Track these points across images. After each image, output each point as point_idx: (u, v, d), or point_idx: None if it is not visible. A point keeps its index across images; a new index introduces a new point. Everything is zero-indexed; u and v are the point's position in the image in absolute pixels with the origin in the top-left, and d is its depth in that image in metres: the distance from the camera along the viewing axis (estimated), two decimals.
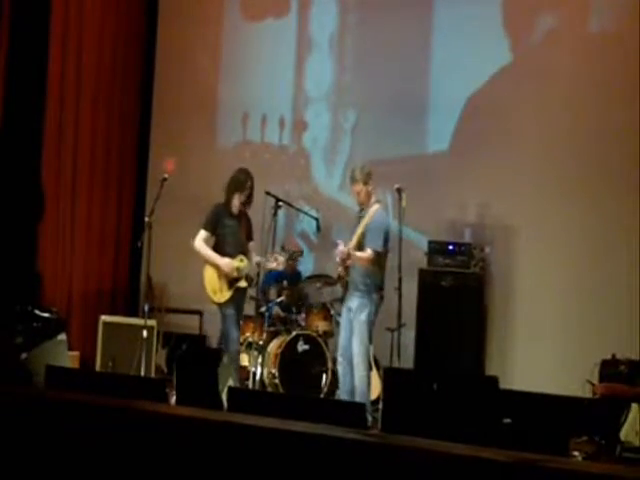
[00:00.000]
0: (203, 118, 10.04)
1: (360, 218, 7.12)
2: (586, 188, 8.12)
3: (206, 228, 7.49)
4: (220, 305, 7.43)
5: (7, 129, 8.90)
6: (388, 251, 7.21)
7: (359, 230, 6.98)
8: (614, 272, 7.88)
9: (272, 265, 7.52)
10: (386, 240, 7.11)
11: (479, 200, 8.59)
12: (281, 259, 7.50)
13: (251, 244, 7.65)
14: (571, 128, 8.22)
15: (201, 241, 7.47)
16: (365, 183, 7.12)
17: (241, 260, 7.45)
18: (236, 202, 7.45)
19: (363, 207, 7.18)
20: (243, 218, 7.55)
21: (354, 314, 7.05)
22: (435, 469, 2.94)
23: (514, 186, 8.41)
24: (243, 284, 7.47)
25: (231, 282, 7.40)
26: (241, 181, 7.47)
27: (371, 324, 7.07)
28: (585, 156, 8.16)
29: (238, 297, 7.48)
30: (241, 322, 7.66)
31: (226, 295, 7.41)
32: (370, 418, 6.21)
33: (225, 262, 7.36)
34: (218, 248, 7.45)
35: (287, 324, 8.33)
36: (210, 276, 7.44)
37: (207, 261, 7.46)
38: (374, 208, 7.05)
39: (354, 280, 7.08)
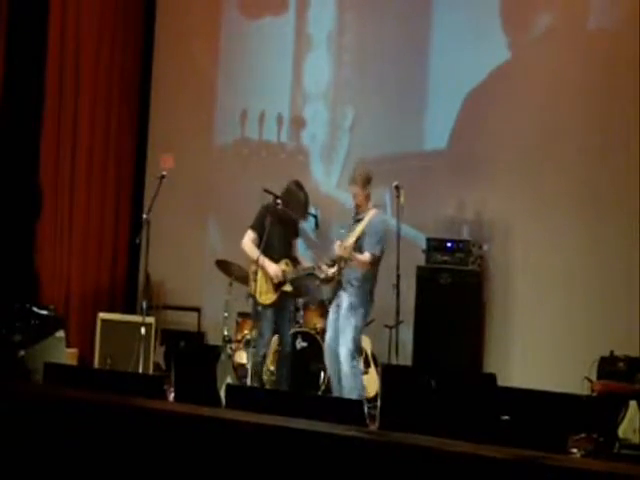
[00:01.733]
0: (201, 115, 10.04)
1: (357, 221, 7.12)
2: (585, 185, 8.12)
3: (254, 229, 7.48)
4: (263, 306, 7.43)
5: (5, 127, 8.90)
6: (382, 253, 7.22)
7: (357, 232, 6.97)
8: (613, 269, 7.88)
9: (321, 275, 7.56)
10: (382, 244, 7.09)
11: (477, 197, 8.59)
12: (331, 270, 7.35)
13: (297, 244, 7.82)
14: (570, 125, 8.21)
15: (249, 242, 7.45)
16: (363, 187, 7.10)
17: (286, 264, 7.48)
18: (291, 215, 7.49)
19: (359, 210, 7.17)
20: (290, 223, 7.60)
21: (344, 314, 7.04)
22: (433, 466, 2.94)
23: (512, 183, 8.41)
24: (288, 288, 7.49)
25: (277, 286, 7.41)
26: (302, 204, 7.51)
27: (356, 316, 7.02)
28: (584, 153, 8.15)
29: (283, 301, 7.50)
30: (289, 324, 7.76)
31: (272, 297, 7.41)
32: (368, 415, 6.21)
33: (273, 268, 7.35)
34: (263, 249, 7.39)
35: None
36: (261, 278, 7.42)
37: (254, 262, 7.45)
38: (372, 212, 7.06)
39: (348, 280, 7.07)
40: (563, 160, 8.21)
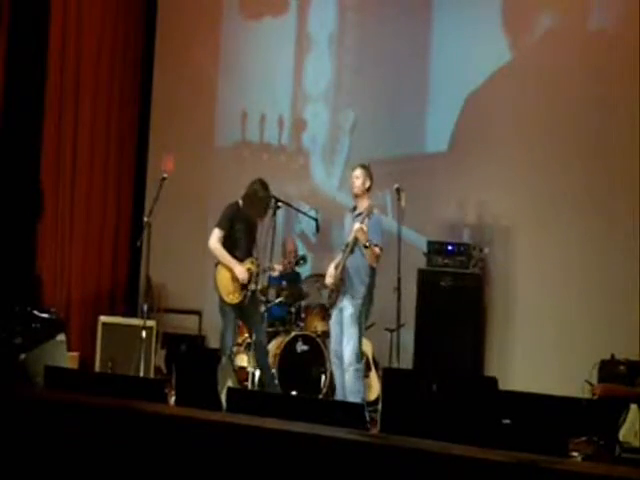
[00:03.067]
0: (202, 117, 10.04)
1: (356, 216, 7.14)
2: (586, 188, 8.11)
3: (221, 227, 7.48)
4: (228, 305, 7.45)
5: (6, 129, 8.90)
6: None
7: (363, 222, 6.99)
8: (613, 272, 7.88)
9: (275, 274, 7.76)
10: (382, 238, 7.13)
11: (478, 200, 8.59)
12: (278, 267, 7.69)
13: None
14: (571, 127, 8.21)
15: (217, 242, 7.46)
16: (364, 172, 7.16)
17: (252, 262, 7.50)
18: (251, 212, 7.49)
19: (358, 201, 7.20)
20: (252, 221, 7.61)
21: (349, 319, 7.07)
22: (434, 470, 2.94)
23: (513, 186, 8.41)
24: (253, 287, 7.51)
25: (242, 285, 7.44)
26: (263, 203, 7.51)
27: (359, 321, 7.06)
28: (585, 155, 8.15)
29: (249, 299, 7.51)
30: (264, 322, 7.73)
31: (239, 297, 7.44)
32: (369, 418, 6.20)
33: (239, 269, 7.38)
34: (229, 248, 7.44)
35: (286, 324, 8.32)
36: (223, 277, 7.44)
37: (221, 262, 7.47)
38: (372, 209, 7.09)
39: (351, 285, 7.09)
40: (564, 162, 8.21)
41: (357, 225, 6.98)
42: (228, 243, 7.45)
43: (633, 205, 7.72)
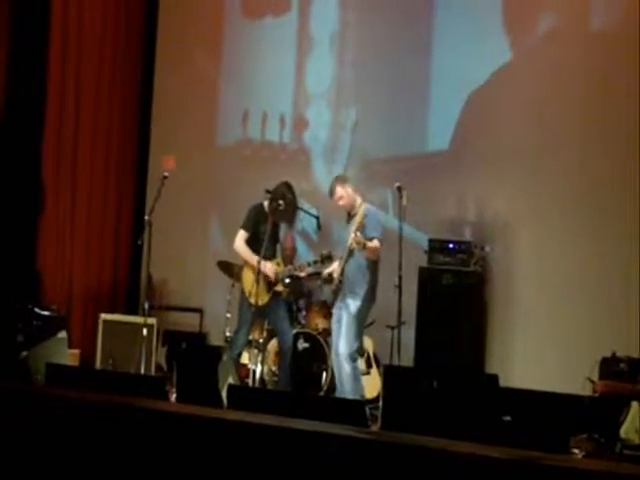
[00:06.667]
0: (203, 116, 10.05)
1: (351, 217, 7.15)
2: (587, 186, 8.11)
3: (245, 228, 7.49)
4: (254, 307, 7.41)
5: (8, 126, 8.91)
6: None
7: (356, 225, 6.97)
8: (614, 270, 7.88)
9: (301, 274, 7.63)
10: (381, 230, 7.15)
11: (479, 198, 8.59)
12: (308, 269, 7.57)
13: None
14: (572, 126, 8.21)
15: (242, 242, 7.47)
16: (342, 186, 7.23)
17: (278, 264, 7.51)
18: (276, 215, 7.48)
19: (351, 210, 7.24)
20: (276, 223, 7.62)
21: (349, 318, 7.07)
22: (435, 467, 2.94)
23: (514, 184, 8.41)
24: (280, 288, 7.51)
25: (269, 286, 7.42)
26: (290, 206, 7.50)
27: (359, 319, 7.08)
28: (586, 154, 8.15)
29: (274, 301, 7.50)
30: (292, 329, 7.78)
31: (265, 299, 7.43)
32: (369, 415, 6.21)
33: (269, 267, 7.36)
34: (254, 249, 7.40)
35: None
36: (249, 278, 7.42)
37: (246, 263, 7.47)
38: (363, 206, 7.11)
39: (350, 277, 7.09)
40: (565, 161, 8.21)
41: (352, 235, 6.98)
42: (253, 244, 7.43)
43: (634, 202, 7.71)
